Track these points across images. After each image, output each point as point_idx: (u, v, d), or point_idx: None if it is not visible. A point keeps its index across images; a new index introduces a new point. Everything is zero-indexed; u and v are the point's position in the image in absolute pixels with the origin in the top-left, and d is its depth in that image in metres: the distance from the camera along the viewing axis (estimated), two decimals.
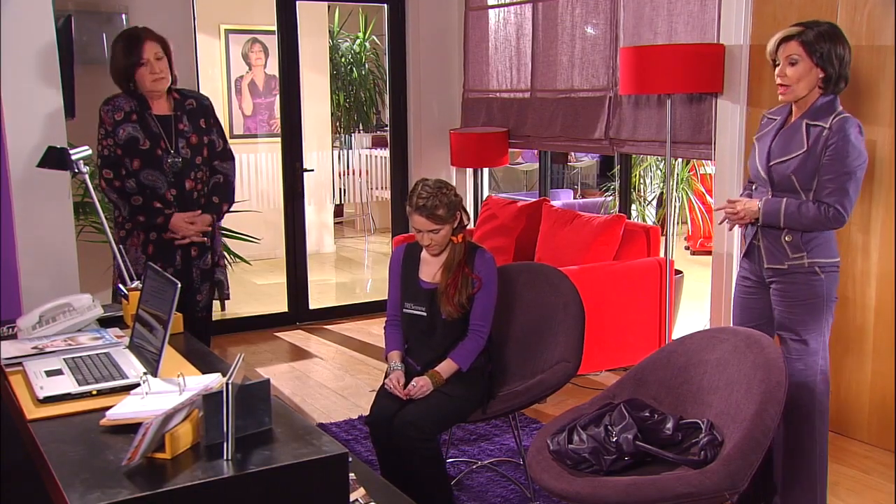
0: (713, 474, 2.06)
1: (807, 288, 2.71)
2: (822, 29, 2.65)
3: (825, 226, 2.66)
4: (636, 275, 4.35)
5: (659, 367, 2.61)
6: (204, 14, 5.46)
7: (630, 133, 4.46)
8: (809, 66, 2.65)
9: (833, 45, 2.64)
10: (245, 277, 6.46)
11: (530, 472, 2.42)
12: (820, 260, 2.70)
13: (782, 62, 2.69)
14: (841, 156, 2.62)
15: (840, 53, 2.65)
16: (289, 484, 1.67)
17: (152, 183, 3.18)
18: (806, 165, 2.67)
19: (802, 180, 2.68)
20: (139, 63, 3.13)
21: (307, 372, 4.63)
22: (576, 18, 4.77)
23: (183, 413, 1.75)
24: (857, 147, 2.63)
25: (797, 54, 2.65)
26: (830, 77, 2.66)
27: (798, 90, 2.68)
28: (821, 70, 2.65)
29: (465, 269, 2.83)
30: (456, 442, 3.54)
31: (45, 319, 2.52)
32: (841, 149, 2.61)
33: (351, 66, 8.84)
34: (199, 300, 3.34)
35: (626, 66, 3.90)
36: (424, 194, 2.78)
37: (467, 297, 2.82)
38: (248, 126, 7.53)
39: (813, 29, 2.65)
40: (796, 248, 2.71)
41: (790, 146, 2.72)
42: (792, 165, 2.69)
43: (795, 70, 2.66)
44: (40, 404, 1.97)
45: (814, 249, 2.70)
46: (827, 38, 2.64)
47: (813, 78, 2.66)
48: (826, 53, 2.63)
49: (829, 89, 2.68)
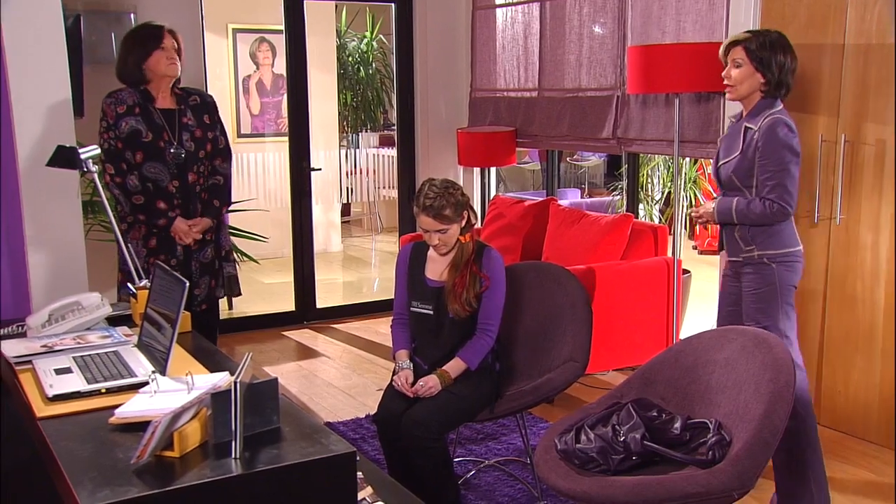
0: (721, 474, 2.06)
1: (759, 277, 2.91)
2: (768, 38, 2.88)
3: (772, 220, 2.84)
4: (644, 274, 4.34)
5: (667, 366, 2.61)
6: (212, 13, 5.47)
7: (638, 132, 4.45)
8: (751, 70, 2.87)
9: (775, 54, 2.86)
10: (252, 276, 6.47)
11: (538, 471, 2.42)
12: (769, 251, 2.89)
13: (729, 64, 2.92)
14: (770, 154, 2.81)
15: (781, 61, 2.86)
16: (297, 482, 1.67)
17: (155, 175, 3.20)
18: (742, 165, 2.88)
19: (741, 179, 2.89)
20: (158, 45, 3.16)
21: (314, 371, 4.64)
22: (583, 17, 4.76)
23: (191, 411, 1.76)
24: (785, 144, 2.81)
25: (741, 58, 2.88)
26: (770, 82, 2.86)
27: (740, 91, 2.90)
28: (761, 75, 2.86)
29: (472, 268, 2.83)
30: (463, 441, 3.54)
31: (55, 318, 2.53)
32: (769, 148, 2.80)
33: (358, 65, 8.85)
34: (198, 294, 3.35)
35: (634, 65, 3.90)
36: (431, 194, 2.78)
37: (475, 295, 2.82)
38: (256, 125, 7.54)
39: (759, 38, 2.88)
40: (746, 242, 2.92)
41: (731, 148, 2.94)
42: (731, 166, 2.91)
43: (739, 72, 2.89)
44: (50, 402, 1.97)
45: (762, 242, 2.89)
46: (770, 47, 2.86)
47: (755, 81, 2.87)
48: (767, 60, 2.85)
49: (770, 93, 2.88)
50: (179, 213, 3.26)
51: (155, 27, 3.25)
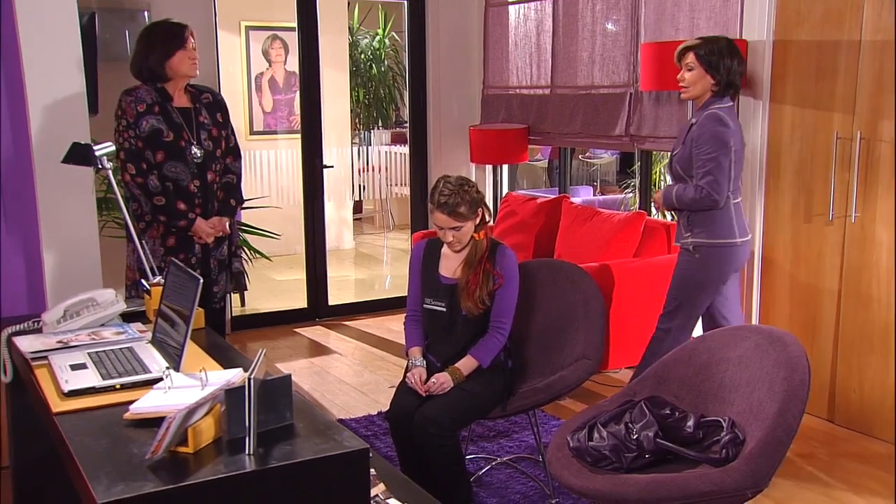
0: (735, 473, 2.05)
1: (682, 265, 3.31)
2: (717, 45, 3.23)
3: (703, 205, 3.17)
4: (656, 272, 4.31)
5: (680, 364, 2.60)
6: (225, 11, 5.49)
7: (651, 129, 4.43)
8: (702, 73, 3.21)
9: (723, 58, 3.21)
10: (265, 273, 6.50)
11: (550, 469, 2.42)
12: (700, 240, 3.22)
13: (682, 68, 3.27)
14: (702, 145, 3.15)
15: (728, 65, 3.21)
16: (310, 479, 1.67)
17: (176, 175, 3.20)
18: (684, 156, 3.24)
19: (684, 169, 3.24)
20: (182, 46, 3.16)
21: (326, 368, 4.65)
22: (596, 14, 4.74)
23: (205, 408, 1.76)
24: (716, 136, 3.14)
25: (692, 63, 3.23)
26: (719, 83, 3.21)
27: (693, 91, 3.26)
28: (711, 77, 3.21)
29: (486, 266, 2.83)
30: (475, 438, 3.54)
31: (70, 314, 2.54)
32: (702, 139, 3.15)
33: (370, 62, 8.85)
34: (217, 291, 3.36)
35: (648, 61, 3.88)
36: (446, 192, 2.77)
37: (488, 293, 2.82)
38: (268, 123, 7.56)
39: (709, 44, 3.23)
40: (686, 229, 3.28)
41: (680, 141, 3.32)
42: (677, 157, 3.29)
43: (691, 75, 3.24)
44: (65, 398, 1.98)
45: (698, 232, 3.23)
46: (718, 52, 3.21)
47: (706, 83, 3.22)
48: (716, 64, 3.19)
49: (720, 93, 3.23)
50: (199, 213, 3.26)
51: (178, 26, 3.22)
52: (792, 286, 3.83)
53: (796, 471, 3.28)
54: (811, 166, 3.69)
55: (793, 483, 3.18)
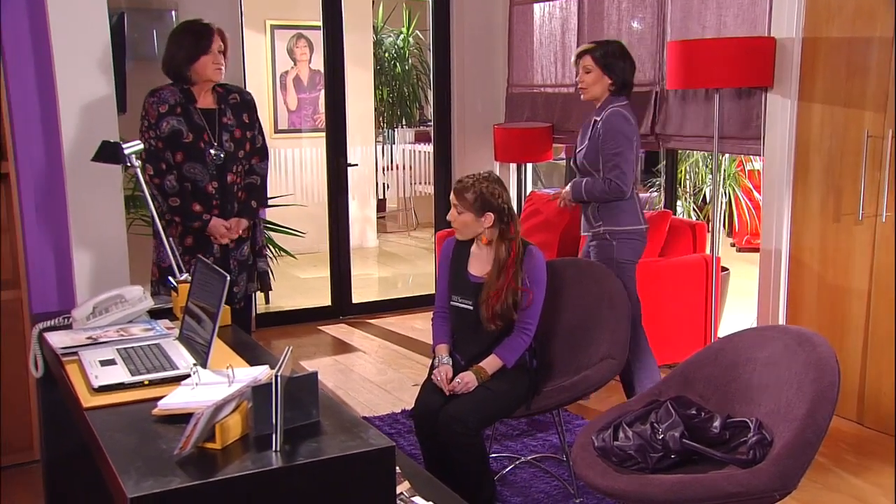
0: (763, 474, 2.03)
1: (601, 251, 3.49)
2: (610, 48, 3.49)
3: (612, 195, 3.41)
4: (682, 271, 4.29)
5: (706, 364, 2.58)
6: (251, 10, 5.52)
7: (676, 128, 4.40)
8: (600, 74, 3.46)
9: (617, 60, 3.46)
10: (288, 271, 6.53)
11: (575, 468, 2.41)
12: (612, 228, 3.47)
13: (580, 70, 3.50)
14: (608, 140, 3.39)
15: (622, 66, 3.47)
16: (336, 476, 1.68)
17: (194, 176, 3.22)
18: (590, 152, 3.47)
19: (591, 164, 3.48)
20: (207, 51, 3.18)
21: (350, 365, 4.67)
22: (622, 12, 4.72)
23: (233, 404, 1.77)
24: (620, 132, 3.40)
25: (590, 65, 3.48)
26: (616, 83, 3.46)
27: (593, 91, 3.50)
28: (608, 77, 3.45)
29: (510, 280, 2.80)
30: (499, 437, 3.54)
31: (99, 310, 2.56)
32: (607, 135, 3.39)
33: (394, 61, 8.86)
34: (236, 291, 3.37)
35: (674, 60, 3.85)
36: (469, 177, 2.84)
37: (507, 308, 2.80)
38: (293, 121, 7.60)
39: (603, 47, 3.49)
40: (595, 219, 3.51)
41: (584, 138, 3.55)
42: (583, 153, 3.52)
43: (589, 77, 3.48)
44: (95, 393, 2.00)
45: (608, 220, 3.47)
46: (612, 55, 3.47)
47: (604, 83, 3.47)
48: (611, 65, 3.45)
49: (617, 93, 3.48)
50: (217, 214, 3.28)
51: (204, 28, 3.23)
52: (820, 286, 3.79)
53: (824, 473, 3.24)
54: (840, 165, 3.64)
55: (821, 486, 3.14)
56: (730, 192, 6.81)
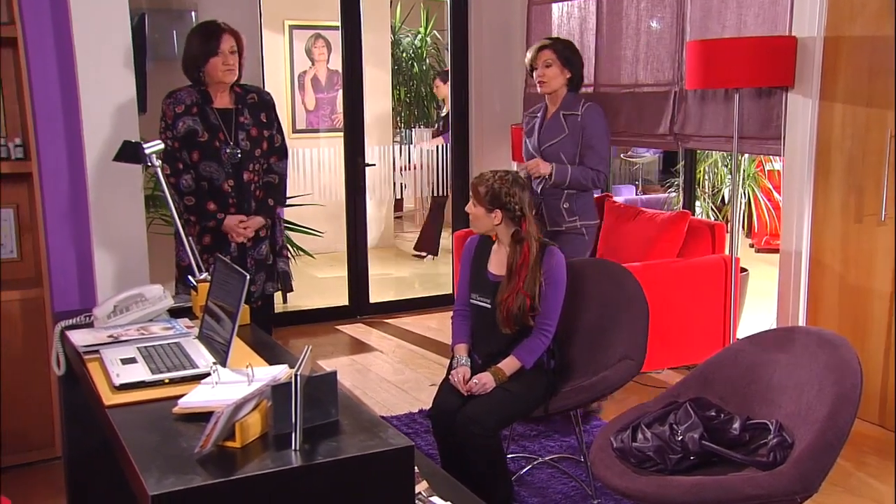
0: (784, 476, 2.01)
1: (573, 246, 3.54)
2: (566, 44, 3.69)
3: (596, 185, 3.61)
4: (701, 272, 4.27)
5: (725, 365, 2.56)
6: (269, 10, 5.55)
7: (696, 128, 4.37)
8: (560, 68, 3.60)
9: (574, 55, 3.63)
10: (306, 271, 6.55)
11: (593, 469, 2.40)
12: (586, 222, 3.63)
13: (540, 66, 3.61)
14: (594, 133, 3.56)
15: (578, 62, 3.65)
16: (356, 475, 1.68)
17: (210, 174, 3.25)
18: (567, 144, 3.59)
19: (568, 156, 3.60)
20: (215, 52, 3.20)
21: (368, 365, 4.68)
22: (641, 12, 4.70)
23: (252, 403, 1.78)
24: (604, 127, 3.64)
25: (550, 59, 3.59)
26: (573, 77, 3.63)
27: (553, 85, 3.61)
28: (568, 71, 3.60)
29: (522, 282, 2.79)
30: (516, 438, 3.53)
31: (120, 309, 2.58)
32: (595, 129, 3.55)
33: (412, 61, 8.87)
34: (254, 290, 3.38)
35: (693, 59, 3.83)
36: (489, 173, 2.85)
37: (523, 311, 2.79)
38: (311, 121, 7.62)
39: (560, 42, 3.67)
40: (571, 213, 3.61)
41: (554, 132, 3.63)
42: (558, 146, 3.60)
43: (550, 70, 3.60)
44: (116, 391, 2.02)
45: (582, 214, 3.62)
46: (569, 49, 3.64)
47: (563, 77, 3.62)
48: (570, 59, 3.60)
49: (573, 87, 3.65)
50: (234, 212, 3.30)
51: (213, 29, 3.25)
52: (841, 288, 3.75)
53: (846, 476, 3.21)
54: (862, 165, 3.61)
55: (842, 489, 3.12)
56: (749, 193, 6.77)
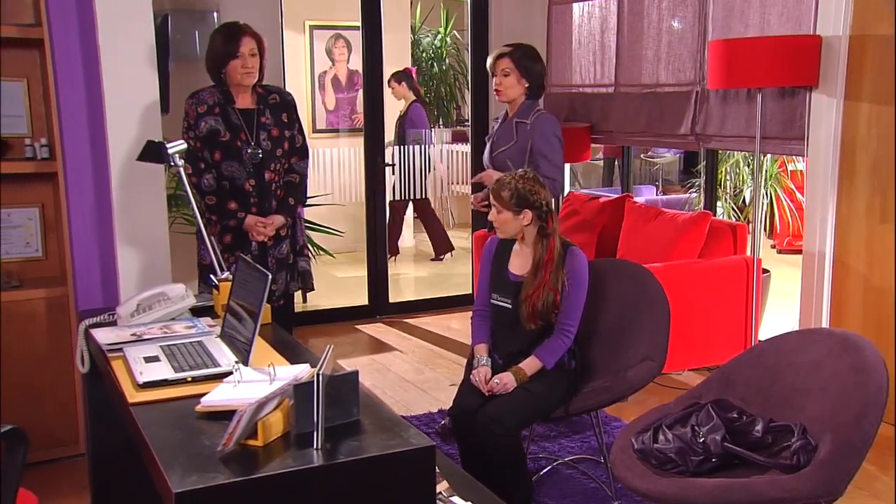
0: (808, 479, 2.00)
1: None
2: (527, 51, 3.57)
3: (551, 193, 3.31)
4: (722, 273, 4.24)
5: (748, 367, 2.54)
6: (290, 10, 5.57)
7: (717, 128, 4.34)
8: (518, 76, 3.51)
9: (533, 63, 3.54)
10: (326, 270, 6.57)
11: (614, 470, 2.39)
12: None
13: (498, 73, 3.54)
14: (544, 141, 3.47)
15: (538, 70, 3.57)
16: (377, 475, 1.69)
17: (231, 174, 3.28)
18: (516, 151, 3.52)
19: (516, 164, 3.47)
20: (234, 55, 3.22)
21: (387, 365, 4.69)
22: (662, 12, 4.67)
23: (274, 402, 1.79)
24: (556, 136, 3.55)
25: (508, 68, 3.52)
26: (532, 85, 3.54)
27: (510, 94, 3.55)
28: (526, 80, 3.52)
29: (548, 278, 2.79)
30: (536, 438, 3.53)
31: (142, 308, 2.60)
32: (543, 136, 3.47)
33: (432, 61, 8.88)
34: (275, 290, 3.39)
35: (715, 59, 3.80)
36: (508, 176, 2.84)
37: (548, 307, 2.79)
38: (331, 121, 7.65)
39: (520, 50, 3.56)
40: None
41: (505, 139, 3.60)
42: (507, 153, 3.56)
43: (508, 80, 3.52)
44: (140, 389, 2.04)
45: None
46: (528, 58, 3.53)
47: (521, 86, 3.54)
48: (529, 68, 3.51)
49: (532, 95, 3.57)
50: (255, 212, 3.32)
51: (233, 32, 3.26)
52: (866, 289, 3.71)
53: (871, 480, 3.18)
54: (888, 166, 3.56)
55: (867, 493, 3.08)
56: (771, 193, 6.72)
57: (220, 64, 3.26)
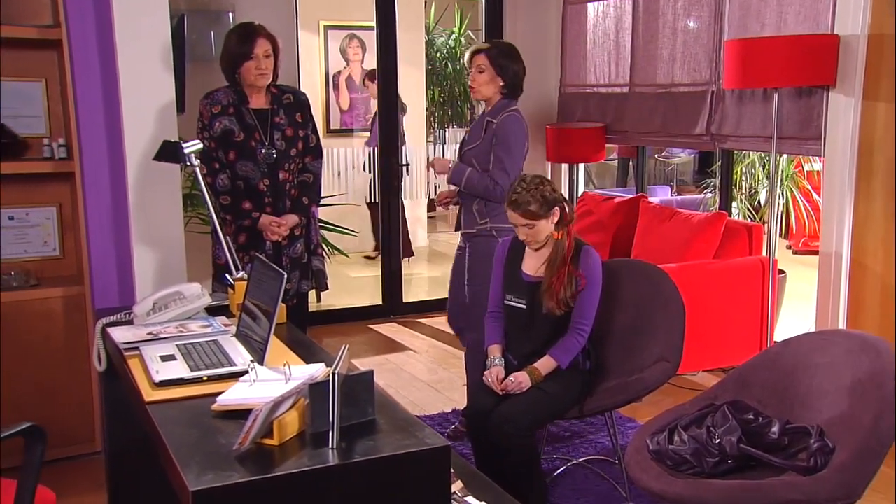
0: (826, 482, 1.98)
1: (484, 246, 3.36)
2: (505, 48, 3.44)
3: (490, 196, 3.35)
4: (737, 274, 4.22)
5: (764, 368, 2.53)
6: (304, 11, 5.59)
7: (733, 128, 4.32)
8: (493, 74, 3.37)
9: (511, 62, 3.41)
10: (340, 270, 6.59)
11: (629, 471, 2.39)
12: (497, 225, 3.38)
13: (473, 70, 3.41)
14: (502, 143, 3.34)
15: (515, 69, 3.42)
16: (392, 474, 1.69)
17: (246, 174, 3.29)
18: (480, 150, 3.42)
19: (480, 163, 3.40)
20: (248, 57, 3.23)
21: (401, 364, 4.69)
22: (678, 11, 4.65)
23: (290, 401, 1.80)
24: (518, 140, 3.38)
25: (484, 65, 3.38)
26: (507, 84, 3.40)
27: (484, 92, 3.41)
28: (501, 79, 3.38)
29: (569, 268, 2.80)
30: (550, 439, 3.52)
31: (158, 307, 2.61)
32: (501, 137, 3.34)
33: (446, 60, 8.88)
34: (289, 289, 3.40)
35: (731, 59, 3.78)
36: (519, 189, 2.79)
37: (572, 294, 2.80)
38: (345, 121, 7.66)
39: (497, 47, 3.43)
40: (482, 215, 3.41)
41: (474, 136, 3.48)
42: (473, 151, 3.44)
43: (482, 77, 3.39)
44: (156, 387, 2.05)
45: (493, 217, 3.38)
46: (506, 55, 3.40)
47: (497, 84, 3.39)
48: (505, 66, 3.38)
49: (508, 95, 3.43)
50: (269, 211, 3.33)
51: (248, 33, 3.27)
52: (883, 291, 3.68)
53: (889, 484, 3.15)
54: None
55: (884, 497, 3.05)
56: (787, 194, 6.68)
57: (234, 65, 3.27)
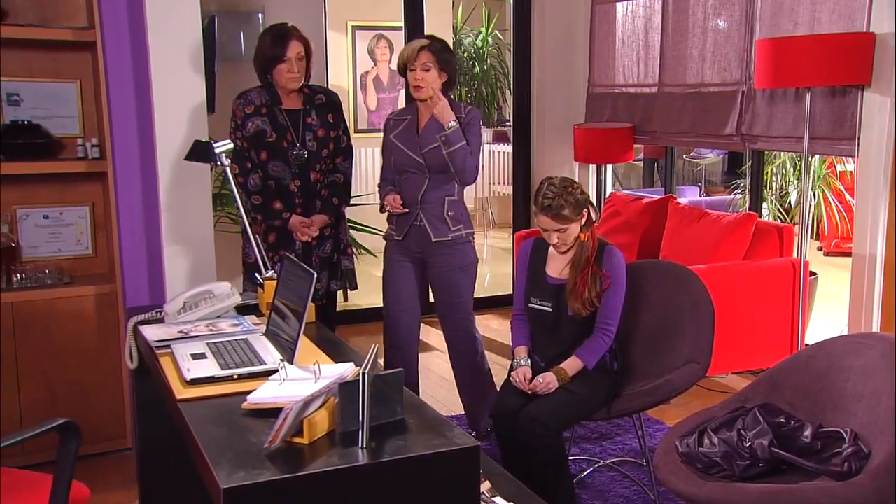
0: (861, 488, 1.95)
1: (464, 255, 3.40)
2: (444, 43, 3.38)
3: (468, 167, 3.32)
4: (767, 275, 4.17)
5: (796, 371, 2.50)
6: (333, 11, 5.62)
7: (764, 129, 4.27)
8: (438, 71, 3.30)
9: (451, 56, 3.36)
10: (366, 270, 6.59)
11: (658, 473, 2.37)
12: (469, 230, 3.43)
13: (418, 68, 3.29)
14: (475, 137, 3.34)
15: (454, 63, 3.40)
16: (421, 474, 1.69)
17: (277, 174, 3.32)
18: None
19: None
20: (281, 59, 3.25)
21: (428, 364, 4.69)
22: (708, 11, 4.61)
23: (320, 400, 1.80)
24: (481, 129, 3.45)
25: (430, 62, 3.28)
26: (449, 80, 3.34)
27: (431, 90, 3.30)
28: (445, 74, 3.32)
29: (593, 268, 2.79)
30: (578, 440, 3.51)
31: (189, 305, 2.64)
32: (475, 133, 3.34)
33: (473, 61, 8.88)
34: (318, 288, 3.42)
35: (763, 58, 3.74)
36: (550, 194, 2.76)
37: (597, 294, 2.79)
38: (372, 121, 7.69)
39: (438, 43, 3.35)
40: (455, 221, 3.37)
41: (433, 137, 3.32)
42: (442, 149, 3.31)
43: (430, 74, 3.28)
44: (187, 385, 2.07)
45: (465, 222, 3.41)
46: (447, 51, 3.35)
47: (440, 80, 3.33)
48: (448, 62, 3.32)
49: (447, 88, 3.36)
50: (300, 212, 3.35)
51: (281, 35, 3.29)
52: None
53: None
54: None
55: None
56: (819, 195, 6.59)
57: (267, 66, 3.30)
